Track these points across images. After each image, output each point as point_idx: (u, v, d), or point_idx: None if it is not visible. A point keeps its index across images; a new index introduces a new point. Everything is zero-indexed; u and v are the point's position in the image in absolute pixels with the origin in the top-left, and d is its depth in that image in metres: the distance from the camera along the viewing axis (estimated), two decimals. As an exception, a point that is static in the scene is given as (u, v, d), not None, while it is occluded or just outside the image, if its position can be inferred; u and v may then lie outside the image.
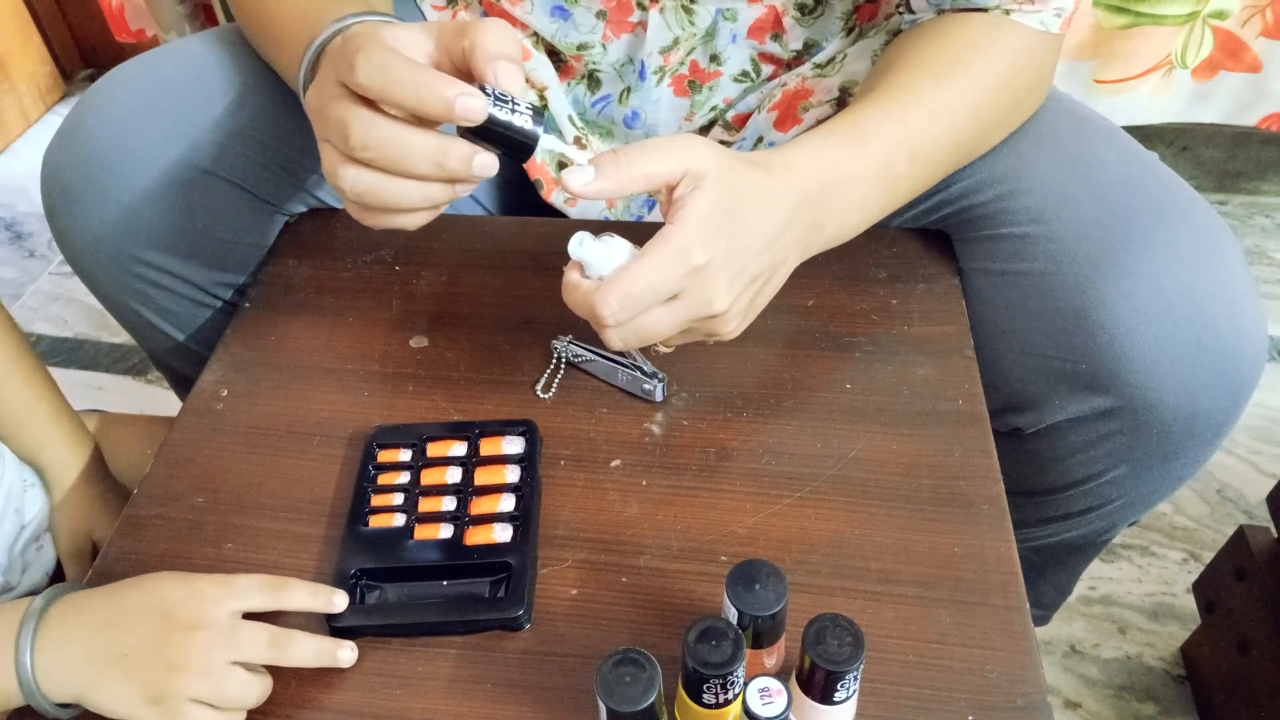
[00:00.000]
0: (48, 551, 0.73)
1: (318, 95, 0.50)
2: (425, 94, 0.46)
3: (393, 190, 0.50)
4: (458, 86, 0.46)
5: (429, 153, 0.48)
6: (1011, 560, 0.55)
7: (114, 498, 0.74)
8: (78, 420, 0.74)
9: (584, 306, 0.50)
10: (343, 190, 0.50)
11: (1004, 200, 0.66)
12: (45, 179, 0.70)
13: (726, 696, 0.42)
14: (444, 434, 0.61)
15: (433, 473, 0.60)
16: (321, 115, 0.50)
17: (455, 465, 0.60)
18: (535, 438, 0.61)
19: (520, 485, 0.59)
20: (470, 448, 0.61)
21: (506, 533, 0.56)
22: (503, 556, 0.55)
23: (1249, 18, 1.23)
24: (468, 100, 0.46)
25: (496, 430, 0.61)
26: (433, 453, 0.61)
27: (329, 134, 0.50)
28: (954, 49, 0.62)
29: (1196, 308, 0.59)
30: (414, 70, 0.46)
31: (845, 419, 0.62)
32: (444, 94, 0.46)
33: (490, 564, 0.55)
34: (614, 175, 0.48)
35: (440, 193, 0.51)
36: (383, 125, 0.48)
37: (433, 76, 0.46)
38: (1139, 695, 0.99)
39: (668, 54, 0.71)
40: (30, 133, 1.76)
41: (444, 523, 0.57)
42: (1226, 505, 1.15)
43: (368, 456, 0.61)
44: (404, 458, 0.61)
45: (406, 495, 0.59)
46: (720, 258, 0.49)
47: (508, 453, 0.60)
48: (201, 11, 1.47)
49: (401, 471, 0.60)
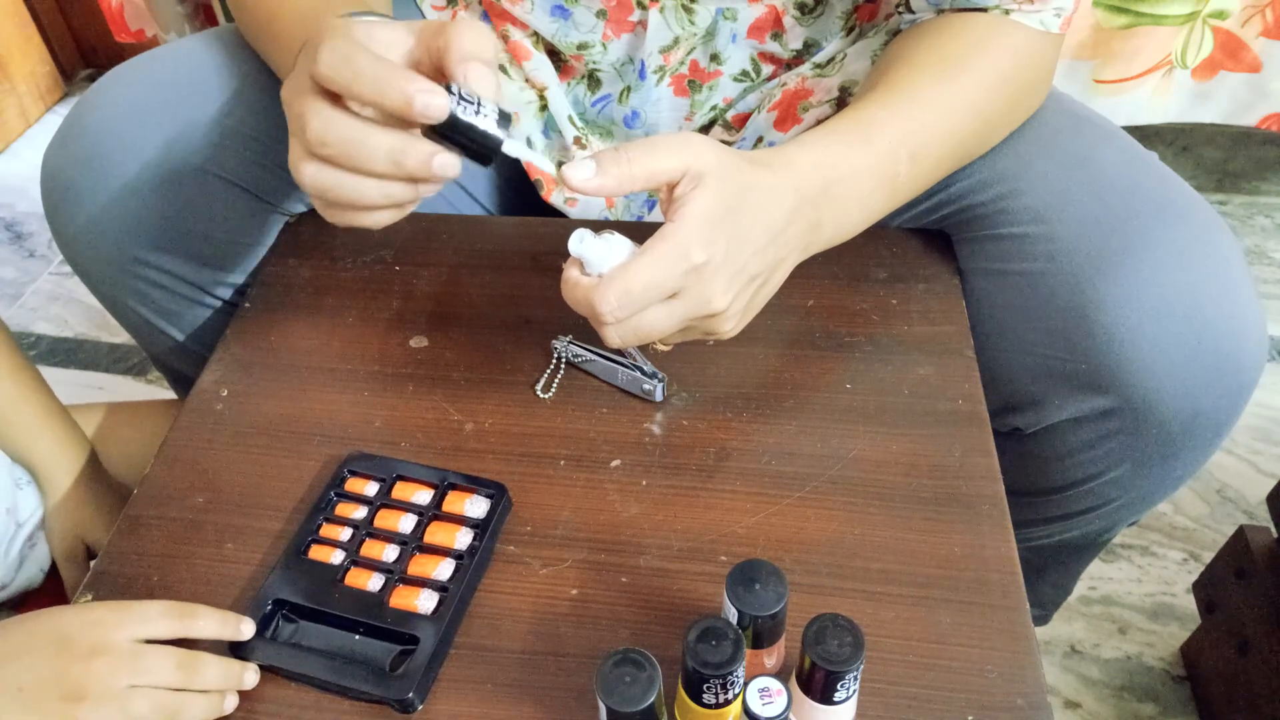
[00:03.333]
0: (42, 549, 0.73)
1: (289, 88, 0.49)
2: (385, 88, 0.45)
3: (351, 187, 0.48)
4: (419, 83, 0.45)
5: (387, 151, 0.47)
6: (1011, 560, 0.55)
7: (108, 500, 0.74)
8: (70, 420, 0.74)
9: (583, 303, 0.50)
10: (302, 185, 0.49)
11: (1004, 200, 0.66)
12: (45, 179, 0.70)
13: (726, 696, 0.42)
14: (415, 476, 0.59)
15: (389, 515, 0.57)
16: (287, 108, 0.49)
17: (412, 513, 0.58)
18: (503, 503, 0.57)
19: (465, 554, 0.55)
20: (434, 498, 0.58)
21: (431, 602, 0.53)
22: (414, 629, 0.52)
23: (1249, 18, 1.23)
24: (428, 98, 0.45)
25: (468, 485, 0.58)
26: (397, 494, 0.58)
27: (292, 128, 0.49)
28: (955, 48, 0.62)
29: (1196, 308, 0.59)
30: (376, 64, 0.45)
31: (845, 419, 0.62)
32: (404, 89, 0.45)
33: (402, 633, 0.52)
34: (615, 172, 0.48)
35: (402, 192, 0.49)
36: (342, 122, 0.47)
37: (394, 71, 0.45)
38: (1139, 695, 0.99)
39: (668, 53, 0.71)
40: (30, 133, 1.76)
41: (378, 573, 0.55)
42: (1226, 505, 1.15)
43: (334, 482, 0.59)
44: (368, 492, 0.59)
45: (355, 533, 0.57)
46: (720, 256, 0.49)
47: (468, 514, 0.57)
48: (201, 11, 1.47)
49: (360, 506, 0.58)
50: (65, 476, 0.72)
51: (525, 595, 0.55)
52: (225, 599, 0.55)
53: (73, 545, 0.73)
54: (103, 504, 0.74)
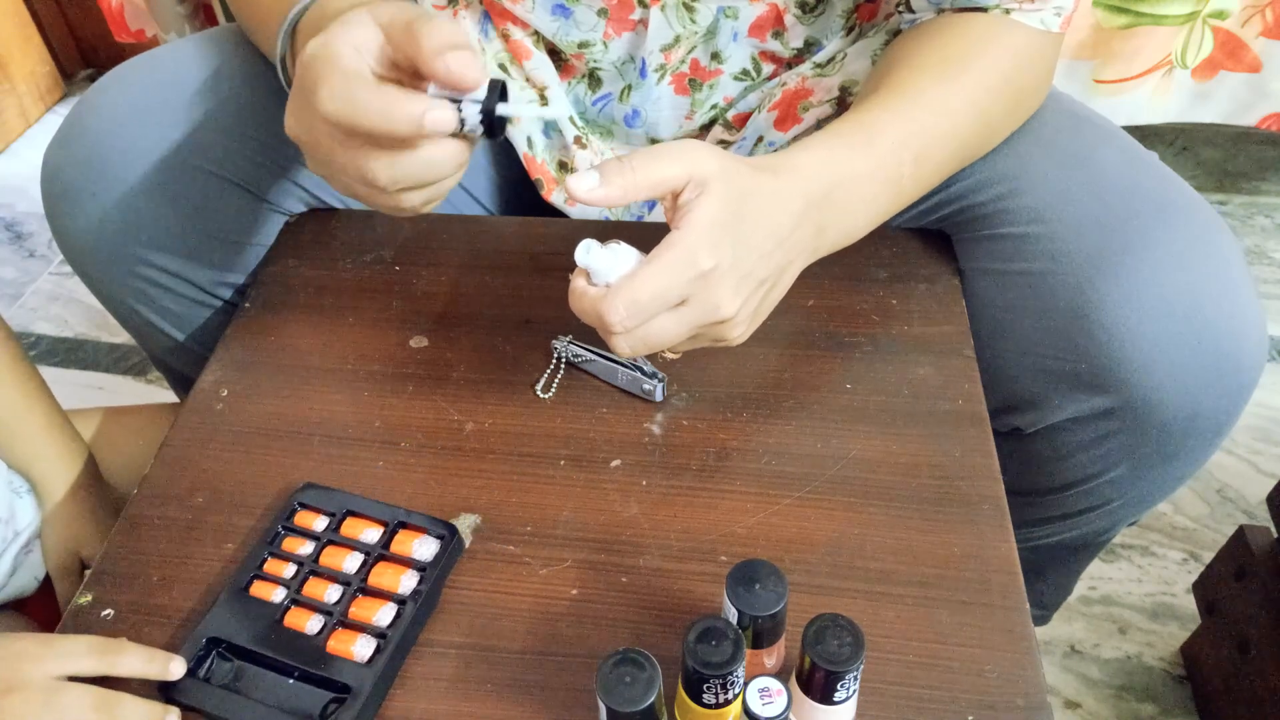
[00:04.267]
0: (36, 557, 0.73)
1: (296, 123, 0.52)
2: (394, 119, 0.48)
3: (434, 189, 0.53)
4: (421, 103, 0.48)
5: (446, 163, 0.51)
6: (1011, 560, 0.55)
7: (104, 514, 0.74)
8: (71, 431, 0.73)
9: (591, 314, 0.49)
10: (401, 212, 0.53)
11: (1004, 200, 0.66)
12: (45, 179, 0.70)
13: (726, 696, 0.42)
14: (365, 511, 0.57)
15: (335, 553, 0.56)
16: (311, 147, 0.52)
17: (359, 552, 0.56)
18: (453, 545, 0.56)
19: (407, 599, 0.53)
20: (383, 536, 0.56)
21: (368, 649, 0.52)
22: (348, 677, 0.50)
23: (1249, 18, 1.23)
24: (436, 114, 0.48)
25: (419, 525, 0.56)
26: (346, 530, 0.57)
27: (343, 170, 0.52)
28: (956, 49, 0.62)
29: (1196, 308, 0.59)
30: (374, 96, 0.48)
31: (845, 419, 0.62)
32: (410, 114, 0.47)
33: (335, 680, 0.51)
34: (619, 182, 0.48)
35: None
36: (402, 159, 0.50)
37: (397, 99, 0.48)
38: (1139, 695, 0.99)
39: (669, 52, 0.71)
40: (30, 133, 1.76)
41: (319, 614, 0.53)
42: (1226, 505, 1.15)
43: (283, 515, 0.57)
44: (317, 527, 0.57)
45: (299, 569, 0.55)
46: (727, 262, 0.49)
47: (415, 555, 0.55)
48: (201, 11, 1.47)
49: (307, 541, 0.57)
50: (63, 489, 0.71)
51: (525, 595, 0.55)
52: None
53: (67, 559, 0.72)
54: (99, 518, 0.73)
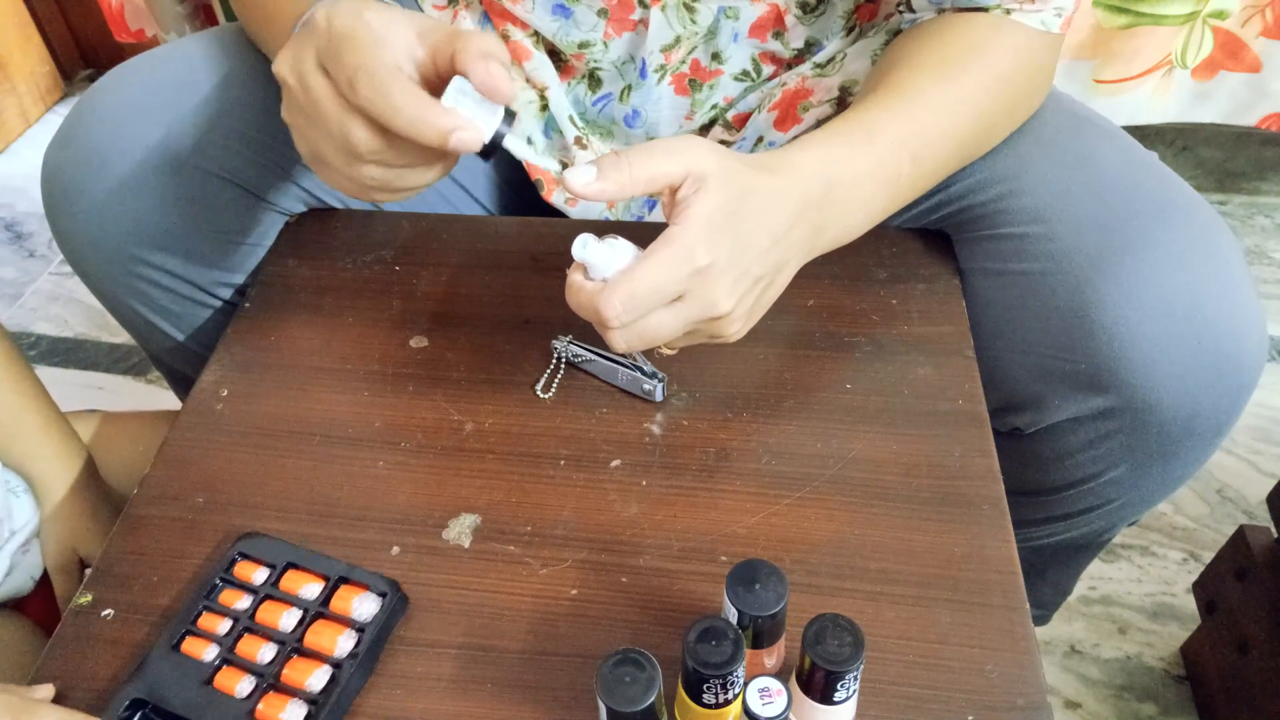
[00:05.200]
0: (34, 556, 0.73)
1: (291, 64, 0.52)
2: (424, 126, 0.48)
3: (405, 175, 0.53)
4: (451, 119, 0.48)
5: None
6: (1011, 560, 0.55)
7: (103, 513, 0.74)
8: (69, 430, 0.73)
9: (588, 308, 0.50)
10: (361, 179, 0.53)
11: (1004, 200, 0.66)
12: (45, 179, 0.70)
13: (726, 696, 0.42)
14: (307, 564, 0.55)
15: (273, 609, 0.54)
16: (300, 88, 0.52)
17: (297, 608, 0.54)
18: (394, 604, 0.53)
19: (343, 662, 0.51)
20: (324, 591, 0.54)
21: (297, 716, 0.49)
22: None
23: (1249, 18, 1.23)
24: (462, 135, 0.49)
25: (361, 581, 0.54)
26: (285, 584, 0.54)
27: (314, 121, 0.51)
28: (956, 49, 0.62)
29: (1196, 308, 0.59)
30: (411, 101, 0.48)
31: (845, 419, 0.62)
32: (441, 128, 0.48)
33: None
34: (615, 177, 0.49)
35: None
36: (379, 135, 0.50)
37: (430, 109, 0.48)
38: (1139, 695, 0.99)
39: (669, 52, 0.71)
40: (30, 133, 1.76)
41: (251, 675, 0.51)
42: (1226, 505, 1.15)
43: (222, 565, 0.55)
44: (256, 579, 0.55)
45: (235, 624, 0.53)
46: (724, 259, 0.49)
47: (354, 615, 0.53)
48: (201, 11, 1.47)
49: (245, 595, 0.54)
50: (61, 488, 0.71)
51: (525, 595, 0.55)
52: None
53: (67, 557, 0.72)
54: (98, 516, 0.73)
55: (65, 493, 0.71)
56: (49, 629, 0.73)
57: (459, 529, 0.58)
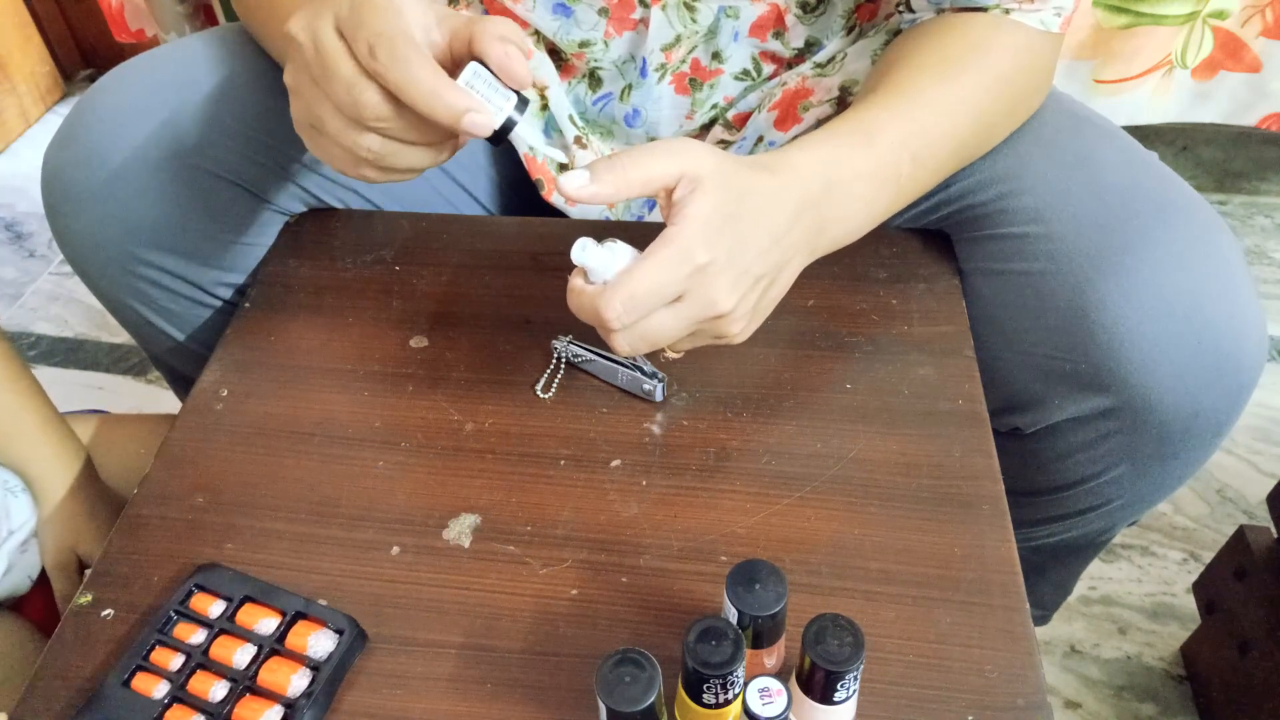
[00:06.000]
0: (32, 555, 0.73)
1: (307, 23, 0.50)
2: (439, 102, 0.48)
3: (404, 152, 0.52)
4: (467, 99, 0.48)
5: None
6: (1011, 560, 0.55)
7: (102, 512, 0.74)
8: (66, 430, 0.73)
9: (589, 311, 0.50)
10: (358, 149, 0.52)
11: (1004, 200, 0.66)
12: (45, 179, 0.70)
13: (726, 696, 0.42)
14: (265, 599, 0.53)
15: (227, 644, 0.52)
16: (315, 47, 0.50)
17: (252, 644, 0.52)
18: (351, 643, 0.51)
19: (295, 702, 0.50)
20: (280, 627, 0.52)
21: None
22: None
23: (1249, 18, 1.23)
24: (475, 117, 0.48)
25: (318, 617, 0.53)
26: (242, 618, 0.53)
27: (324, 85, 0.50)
28: (956, 49, 0.62)
29: (1196, 308, 0.59)
30: (432, 75, 0.48)
31: (845, 419, 0.62)
32: (455, 107, 0.48)
33: None
34: (609, 180, 0.49)
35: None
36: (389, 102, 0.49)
37: (448, 88, 0.48)
38: (1139, 695, 0.99)
39: (669, 51, 0.71)
40: (30, 133, 1.77)
41: (201, 714, 0.50)
42: (1226, 505, 1.15)
43: (177, 597, 0.54)
44: (212, 613, 0.53)
45: (186, 661, 0.52)
46: (723, 258, 0.49)
47: (310, 653, 0.51)
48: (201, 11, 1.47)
49: (200, 629, 0.53)
50: (60, 487, 0.71)
51: (525, 595, 0.55)
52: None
53: (65, 557, 0.72)
54: (97, 516, 0.73)
55: (63, 493, 0.71)
56: (47, 630, 0.73)
57: (459, 529, 0.58)
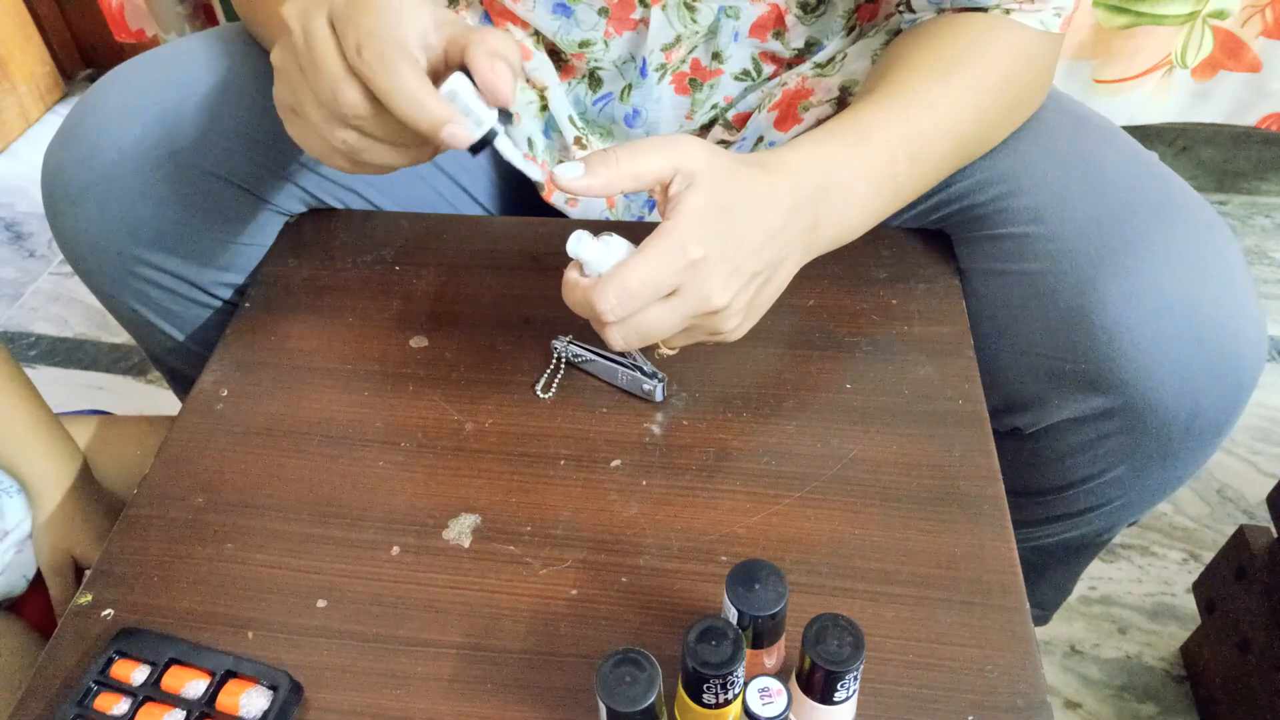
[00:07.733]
0: (27, 555, 0.73)
1: (302, 19, 0.50)
2: (420, 111, 0.48)
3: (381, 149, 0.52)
4: (447, 112, 0.48)
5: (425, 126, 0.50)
6: (1011, 560, 0.55)
7: (98, 515, 0.73)
8: (60, 432, 0.73)
9: (583, 304, 0.50)
10: (332, 139, 0.51)
11: (1003, 200, 0.66)
12: (45, 179, 0.70)
13: (726, 696, 0.42)
14: (190, 660, 0.51)
15: (153, 711, 0.50)
16: (306, 34, 0.50)
17: (180, 709, 0.50)
18: (285, 699, 0.49)
19: None
20: (209, 688, 0.50)
21: None
22: None
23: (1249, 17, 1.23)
24: (453, 129, 0.48)
25: (249, 674, 0.51)
26: (167, 683, 0.51)
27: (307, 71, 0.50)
28: (955, 48, 0.62)
29: (1196, 308, 0.59)
30: (413, 84, 0.48)
31: (845, 419, 0.62)
32: (436, 117, 0.48)
33: None
34: (603, 172, 0.49)
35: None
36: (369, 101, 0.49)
37: (430, 98, 0.48)
38: (1139, 695, 0.99)
39: (669, 51, 0.71)
40: (30, 133, 1.77)
41: None
42: (1226, 505, 1.15)
43: (96, 666, 0.51)
44: (135, 679, 0.51)
45: None
46: (717, 252, 0.49)
47: (242, 713, 0.49)
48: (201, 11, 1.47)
49: (122, 698, 0.50)
50: (55, 490, 0.71)
51: (525, 595, 0.55)
52: (223, 600, 0.55)
53: (61, 559, 0.72)
54: (92, 519, 0.73)
55: (58, 495, 0.71)
56: (45, 631, 0.73)
57: (459, 529, 0.58)
